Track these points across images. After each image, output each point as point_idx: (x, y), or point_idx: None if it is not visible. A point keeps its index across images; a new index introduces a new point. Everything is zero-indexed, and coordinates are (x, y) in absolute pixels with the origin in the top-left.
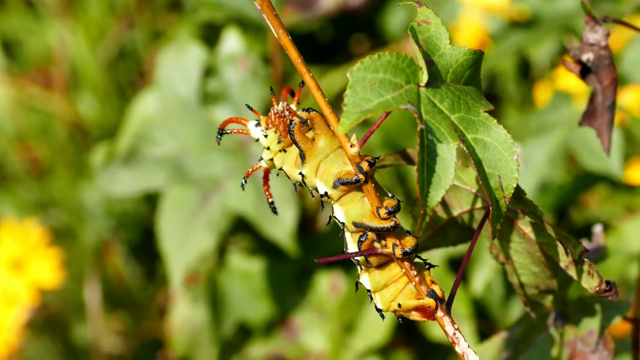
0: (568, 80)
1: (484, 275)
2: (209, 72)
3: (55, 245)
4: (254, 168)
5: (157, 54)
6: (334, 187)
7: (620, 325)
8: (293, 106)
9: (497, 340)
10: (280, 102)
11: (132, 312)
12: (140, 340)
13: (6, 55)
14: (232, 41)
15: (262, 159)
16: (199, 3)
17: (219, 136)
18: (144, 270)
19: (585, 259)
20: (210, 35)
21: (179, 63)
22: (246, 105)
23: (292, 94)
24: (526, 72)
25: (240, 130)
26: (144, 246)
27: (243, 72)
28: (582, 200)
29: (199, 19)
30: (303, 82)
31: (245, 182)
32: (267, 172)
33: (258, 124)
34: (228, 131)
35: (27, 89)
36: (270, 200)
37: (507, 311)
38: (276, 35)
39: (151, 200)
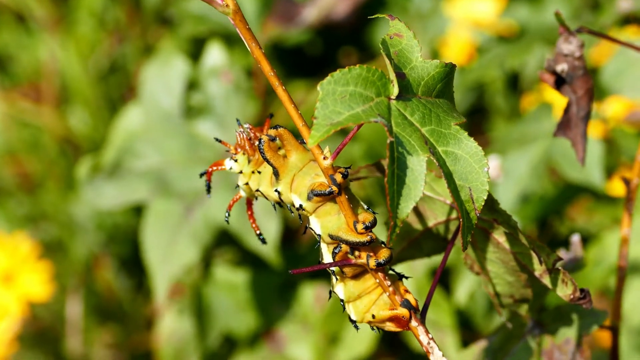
0: (555, 92)
1: (467, 285)
2: (193, 85)
3: (45, 259)
4: (235, 199)
5: (143, 67)
6: (308, 198)
7: (605, 335)
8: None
9: (475, 349)
10: (244, 124)
11: (122, 325)
12: (130, 353)
13: None
14: (215, 54)
15: (238, 186)
16: (183, 17)
17: (207, 188)
18: (134, 283)
19: (559, 268)
20: (197, 50)
21: (162, 76)
22: (215, 138)
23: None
24: (515, 84)
25: (217, 168)
26: (135, 259)
27: (226, 85)
28: (567, 212)
29: (185, 33)
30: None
31: (229, 214)
32: (249, 202)
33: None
34: (207, 171)
35: (18, 104)
36: (258, 232)
37: (491, 321)
38: (249, 49)
39: (142, 213)
